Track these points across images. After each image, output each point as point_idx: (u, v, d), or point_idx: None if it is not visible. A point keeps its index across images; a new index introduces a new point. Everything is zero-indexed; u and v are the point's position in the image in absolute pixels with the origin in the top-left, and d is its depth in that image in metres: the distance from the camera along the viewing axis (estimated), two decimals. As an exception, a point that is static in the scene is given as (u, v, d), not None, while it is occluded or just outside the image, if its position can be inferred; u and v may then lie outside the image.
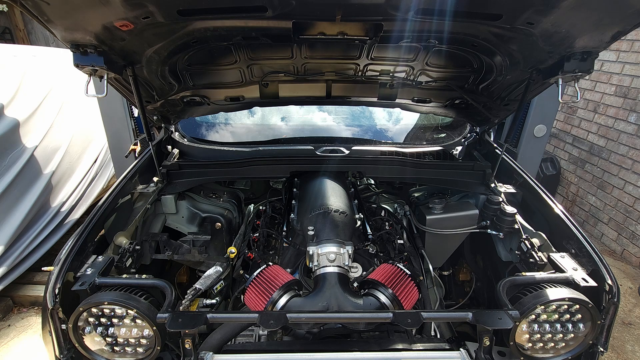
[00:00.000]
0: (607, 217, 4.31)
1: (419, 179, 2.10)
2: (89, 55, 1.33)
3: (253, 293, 1.39)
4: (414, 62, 1.79)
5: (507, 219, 1.74)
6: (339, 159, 2.09)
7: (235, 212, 2.23)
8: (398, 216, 2.21)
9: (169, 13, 1.20)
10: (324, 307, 1.30)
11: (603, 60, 4.25)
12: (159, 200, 1.95)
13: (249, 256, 1.82)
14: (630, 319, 3.26)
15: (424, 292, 1.81)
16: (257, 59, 1.79)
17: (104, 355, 1.29)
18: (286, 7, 1.20)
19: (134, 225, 1.70)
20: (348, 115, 2.86)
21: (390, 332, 1.55)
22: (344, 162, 2.10)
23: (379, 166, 2.07)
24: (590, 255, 1.43)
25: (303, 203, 1.95)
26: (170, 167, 2.02)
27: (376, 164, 2.07)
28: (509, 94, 1.88)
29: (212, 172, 2.07)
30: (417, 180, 2.15)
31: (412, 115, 2.82)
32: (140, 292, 1.29)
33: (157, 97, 1.91)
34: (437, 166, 2.12)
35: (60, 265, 1.31)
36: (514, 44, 1.45)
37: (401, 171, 2.06)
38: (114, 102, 3.20)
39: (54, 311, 1.23)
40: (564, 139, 4.95)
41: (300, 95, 2.21)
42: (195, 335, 1.24)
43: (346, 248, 1.52)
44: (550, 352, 1.34)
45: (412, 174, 2.06)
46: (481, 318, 1.20)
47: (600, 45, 1.33)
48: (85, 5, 1.09)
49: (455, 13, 1.23)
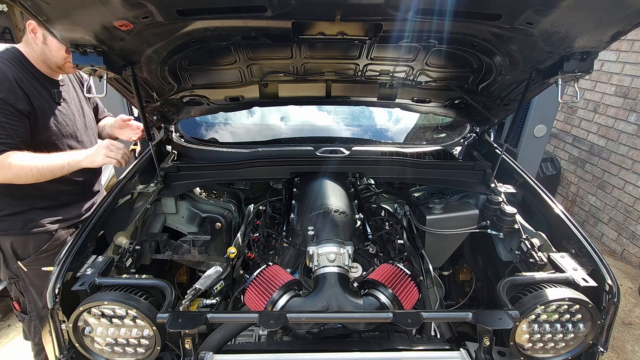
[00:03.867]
0: (607, 217, 4.31)
1: (419, 179, 2.10)
2: (88, 55, 1.33)
3: (253, 293, 1.39)
4: (414, 62, 1.80)
5: (507, 219, 1.74)
6: (338, 160, 2.09)
7: (235, 212, 2.23)
8: (398, 216, 2.21)
9: (168, 13, 1.20)
10: (324, 307, 1.30)
11: (603, 60, 4.25)
12: (159, 200, 1.95)
13: (249, 256, 1.82)
14: (630, 319, 3.26)
15: (424, 292, 1.81)
16: (256, 59, 1.79)
17: (104, 355, 1.29)
18: (286, 7, 1.20)
19: (134, 225, 1.70)
20: (348, 115, 2.86)
21: (390, 332, 1.55)
22: (344, 163, 2.09)
23: (379, 167, 2.07)
24: (590, 255, 1.43)
25: (303, 203, 1.95)
26: (169, 169, 2.01)
27: (376, 164, 2.07)
28: (508, 94, 1.88)
29: (211, 174, 2.06)
30: (418, 180, 2.14)
31: (412, 116, 2.81)
32: (140, 292, 1.29)
33: (157, 97, 1.91)
34: (437, 166, 2.12)
35: (60, 265, 1.31)
36: (513, 44, 1.45)
37: (401, 171, 2.06)
38: (114, 102, 3.20)
39: (54, 311, 1.23)
40: (564, 139, 4.95)
41: (300, 95, 2.21)
42: (195, 335, 1.24)
43: (346, 248, 1.52)
44: (550, 352, 1.34)
45: (412, 174, 2.06)
46: (481, 318, 1.20)
47: (600, 45, 1.33)
48: (84, 5, 1.09)
49: (454, 13, 1.23)
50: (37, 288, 1.88)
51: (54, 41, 1.58)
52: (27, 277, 1.86)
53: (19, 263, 1.81)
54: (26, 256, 1.83)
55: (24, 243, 1.83)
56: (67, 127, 1.90)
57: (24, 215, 1.80)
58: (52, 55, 1.70)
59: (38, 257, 1.84)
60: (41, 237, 1.85)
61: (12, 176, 1.63)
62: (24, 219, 1.80)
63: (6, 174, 1.62)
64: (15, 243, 1.81)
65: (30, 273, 1.85)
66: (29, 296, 1.90)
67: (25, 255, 1.83)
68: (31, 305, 1.92)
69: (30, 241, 1.83)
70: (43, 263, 1.79)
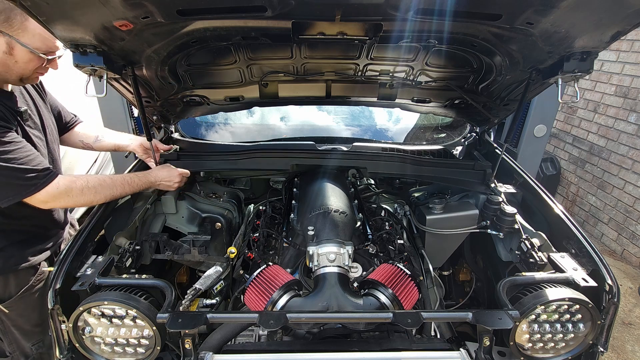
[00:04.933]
0: (607, 217, 4.31)
1: (420, 175, 2.09)
2: (88, 55, 1.33)
3: (253, 293, 1.39)
4: (414, 62, 1.80)
5: (507, 219, 1.74)
6: (339, 154, 2.08)
7: (235, 212, 2.23)
8: (398, 216, 2.21)
9: (168, 13, 1.20)
10: (324, 307, 1.30)
11: (603, 60, 4.25)
12: (159, 200, 1.95)
13: (249, 256, 1.82)
14: (630, 319, 3.26)
15: (424, 292, 1.81)
16: (256, 59, 1.79)
17: (104, 355, 1.29)
18: (285, 7, 1.20)
19: (134, 225, 1.70)
20: (348, 115, 2.86)
21: (390, 332, 1.55)
22: (344, 157, 2.08)
23: (379, 162, 2.05)
24: (590, 255, 1.43)
25: (303, 203, 1.95)
26: (169, 157, 2.00)
27: (377, 159, 2.06)
28: (508, 94, 1.88)
29: (211, 163, 2.05)
30: (418, 177, 2.13)
31: (412, 115, 2.82)
32: (140, 292, 1.29)
33: (157, 97, 1.91)
34: (438, 164, 2.11)
35: (60, 265, 1.32)
36: (513, 44, 1.45)
37: (402, 167, 2.05)
38: (114, 102, 3.20)
39: (54, 311, 1.23)
40: (564, 139, 4.94)
41: (300, 95, 2.21)
42: (195, 335, 1.24)
43: (346, 248, 1.52)
44: (550, 352, 1.34)
45: (413, 171, 2.05)
46: (481, 318, 1.20)
47: (599, 45, 1.33)
48: (84, 5, 1.09)
49: (454, 13, 1.23)
50: (21, 328, 1.69)
51: (23, 51, 1.36)
52: (9, 318, 1.65)
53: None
54: (6, 297, 1.59)
55: (4, 283, 1.58)
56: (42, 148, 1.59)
57: (3, 252, 1.55)
58: (18, 67, 1.41)
59: (23, 296, 1.62)
60: (25, 273, 1.62)
61: (85, 200, 1.52)
62: (4, 256, 1.55)
63: (82, 198, 1.50)
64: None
65: (13, 314, 1.63)
66: (8, 338, 1.71)
67: (6, 296, 1.59)
68: (12, 346, 1.73)
69: (11, 280, 1.59)
70: (28, 301, 1.63)
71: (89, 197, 1.53)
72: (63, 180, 1.46)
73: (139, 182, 1.72)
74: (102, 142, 2.01)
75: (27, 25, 1.33)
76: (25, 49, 1.36)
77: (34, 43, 1.37)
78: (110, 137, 2.04)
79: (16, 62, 1.39)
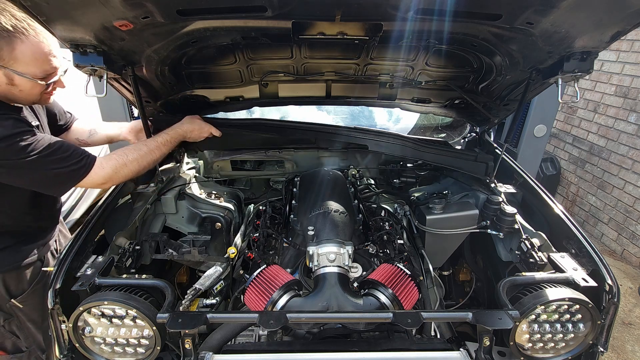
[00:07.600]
0: (607, 217, 4.31)
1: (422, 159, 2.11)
2: (88, 55, 1.33)
3: (253, 293, 1.39)
4: (414, 62, 1.80)
5: (507, 219, 1.74)
6: (342, 132, 2.09)
7: (235, 212, 2.23)
8: (398, 216, 2.21)
9: (168, 13, 1.20)
10: (324, 307, 1.30)
11: (603, 60, 4.25)
12: (158, 200, 1.95)
13: (249, 256, 1.82)
14: (630, 319, 3.26)
15: (424, 292, 1.81)
16: (256, 59, 1.79)
17: (104, 355, 1.29)
18: (286, 7, 1.20)
19: (133, 225, 1.70)
20: (348, 115, 2.86)
21: (390, 332, 1.55)
22: (348, 133, 2.09)
23: (381, 142, 2.06)
24: (590, 255, 1.43)
25: (303, 203, 1.95)
26: None
27: (379, 140, 2.07)
28: (508, 94, 1.88)
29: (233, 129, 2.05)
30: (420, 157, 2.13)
31: (412, 116, 2.82)
32: (140, 292, 1.29)
33: (157, 97, 1.91)
34: (440, 151, 2.10)
35: (60, 265, 1.32)
36: (513, 44, 1.45)
37: (403, 150, 2.06)
38: (114, 102, 3.20)
39: (54, 311, 1.24)
40: (564, 139, 4.95)
41: (300, 95, 2.21)
42: (195, 335, 1.24)
43: (346, 248, 1.52)
44: (550, 352, 1.34)
45: (414, 155, 2.07)
46: (481, 318, 1.20)
47: (600, 45, 1.33)
48: (84, 5, 1.09)
49: (454, 13, 1.23)
50: (35, 322, 1.74)
51: (23, 80, 1.37)
52: (23, 313, 1.70)
53: (13, 301, 1.64)
54: (19, 292, 1.65)
55: (17, 278, 1.64)
56: None
57: (11, 248, 1.60)
58: (25, 94, 1.43)
59: (35, 289, 1.67)
60: (34, 267, 1.68)
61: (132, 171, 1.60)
62: (12, 252, 1.60)
63: (128, 171, 1.58)
64: (8, 280, 1.62)
65: (27, 308, 1.69)
66: (24, 333, 1.76)
67: (19, 290, 1.65)
68: (29, 340, 1.78)
69: (22, 274, 1.64)
70: (41, 294, 1.66)
71: (134, 167, 1.60)
72: (105, 161, 1.52)
73: (171, 140, 1.76)
74: (95, 137, 2.03)
75: (16, 55, 1.31)
76: (24, 77, 1.36)
77: (30, 70, 1.36)
78: (102, 129, 2.06)
79: (21, 91, 1.42)
